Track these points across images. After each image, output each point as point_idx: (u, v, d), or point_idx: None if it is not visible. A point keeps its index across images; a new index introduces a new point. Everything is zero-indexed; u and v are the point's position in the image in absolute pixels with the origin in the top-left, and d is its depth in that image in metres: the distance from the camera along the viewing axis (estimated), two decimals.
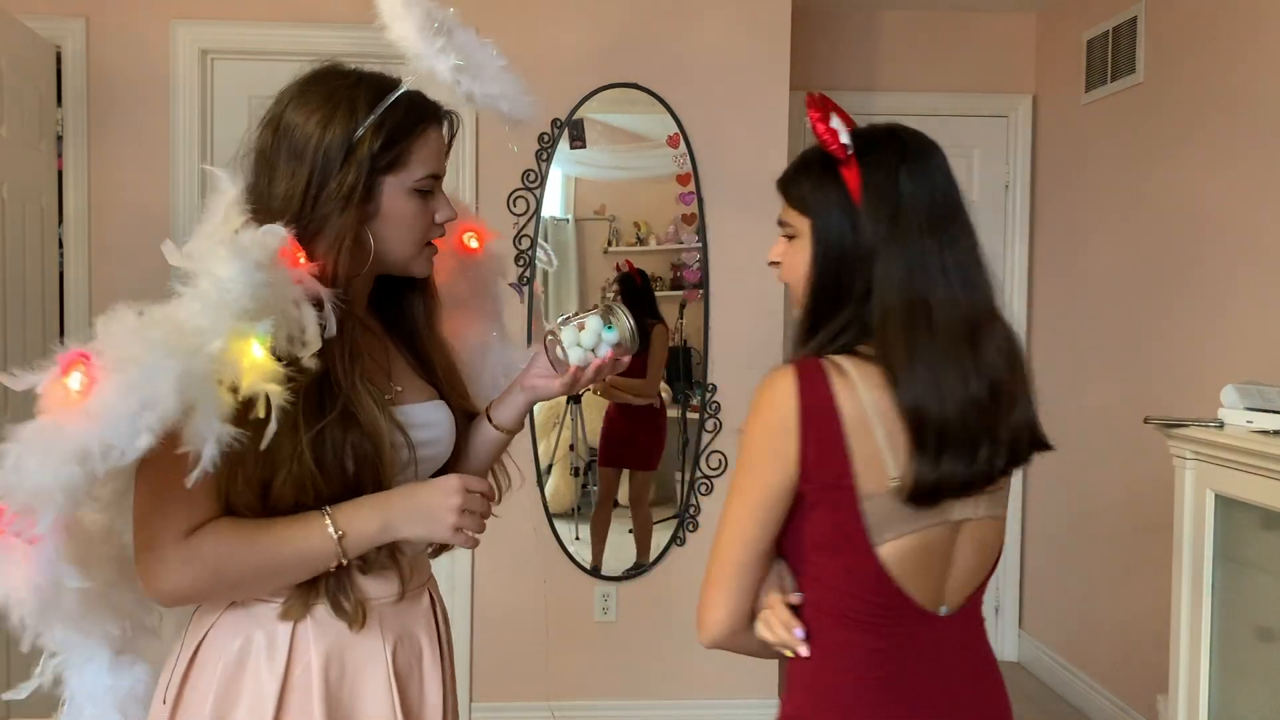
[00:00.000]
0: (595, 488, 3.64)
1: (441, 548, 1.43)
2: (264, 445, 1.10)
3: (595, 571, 3.45)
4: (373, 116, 1.22)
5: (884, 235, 1.17)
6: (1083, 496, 3.58)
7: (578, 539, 3.50)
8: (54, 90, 3.20)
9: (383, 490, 1.24)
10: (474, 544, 1.28)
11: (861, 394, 1.13)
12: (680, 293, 3.47)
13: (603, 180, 3.50)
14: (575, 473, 3.55)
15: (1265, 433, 2.15)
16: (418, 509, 1.23)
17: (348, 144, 1.21)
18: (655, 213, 3.46)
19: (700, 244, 3.39)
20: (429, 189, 1.28)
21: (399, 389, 1.33)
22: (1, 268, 2.84)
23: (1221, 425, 2.26)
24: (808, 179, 1.24)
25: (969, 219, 1.21)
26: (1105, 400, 3.43)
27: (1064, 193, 3.84)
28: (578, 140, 3.38)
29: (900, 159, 1.20)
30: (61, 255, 3.24)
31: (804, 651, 1.18)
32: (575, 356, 1.35)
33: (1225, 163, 2.91)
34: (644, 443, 3.56)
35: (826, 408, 1.13)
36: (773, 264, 1.31)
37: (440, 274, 1.48)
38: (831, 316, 1.20)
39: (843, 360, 1.16)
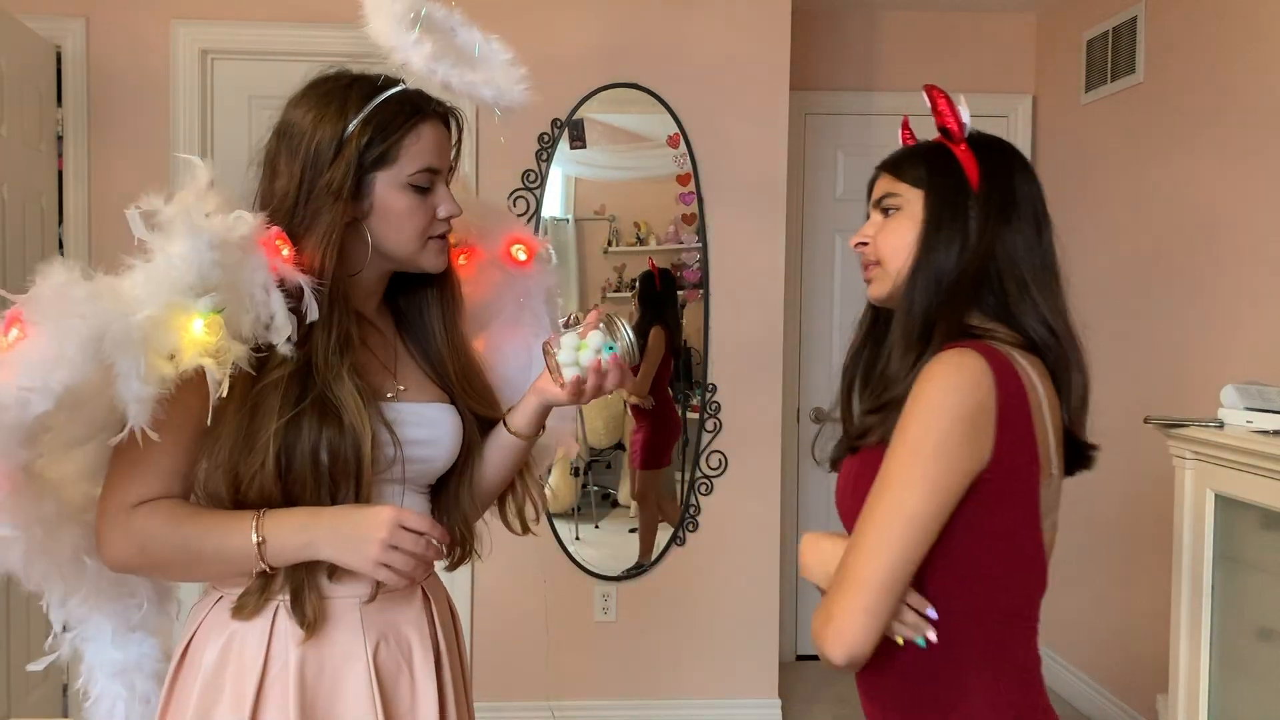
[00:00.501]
0: (595, 488, 3.64)
1: (456, 561, 1.43)
2: (209, 421, 1.14)
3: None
4: (362, 113, 1.24)
5: (1000, 220, 1.17)
6: (1082, 496, 3.58)
7: (578, 539, 3.50)
8: (54, 90, 3.20)
9: (361, 491, 1.23)
10: (400, 583, 1.23)
11: (1036, 382, 1.13)
12: (680, 293, 3.47)
13: (603, 180, 3.50)
14: (575, 473, 3.55)
15: (1265, 433, 2.15)
16: (344, 533, 1.19)
17: (338, 141, 1.24)
18: (655, 213, 3.46)
19: (700, 244, 3.39)
20: (426, 184, 1.28)
21: (401, 387, 1.33)
22: (1, 268, 2.84)
23: (1221, 425, 2.25)
24: (920, 157, 1.23)
25: None
26: (1105, 400, 3.42)
27: (1064, 193, 3.84)
28: (578, 140, 3.38)
29: (1012, 155, 1.23)
30: (62, 255, 3.24)
31: (932, 636, 1.11)
32: (569, 374, 1.30)
33: (1225, 163, 2.91)
34: (649, 440, 3.56)
35: (1019, 392, 1.10)
36: (859, 245, 1.26)
37: (485, 286, 1.49)
38: (937, 295, 1.17)
39: (1006, 348, 1.14)
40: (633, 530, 3.54)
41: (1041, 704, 1.16)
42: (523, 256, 1.51)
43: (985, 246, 1.17)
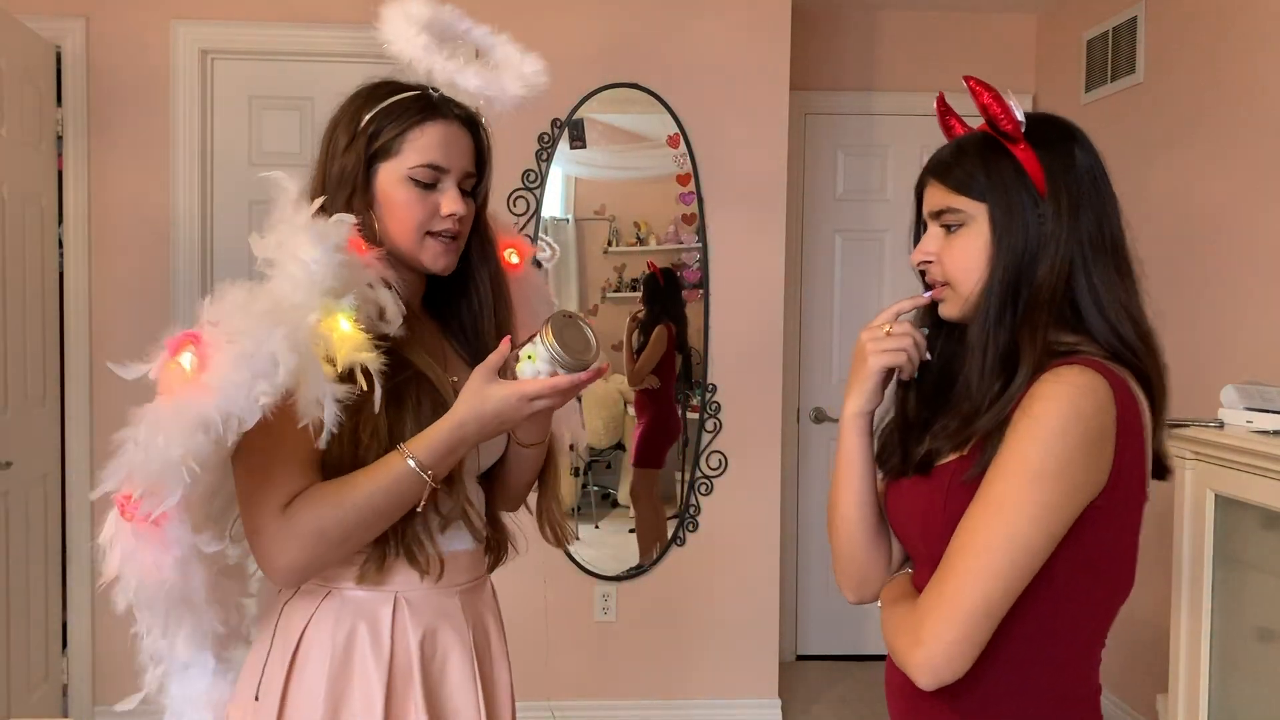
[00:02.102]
0: (595, 488, 3.64)
1: (495, 561, 1.50)
2: (377, 409, 1.18)
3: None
4: (377, 107, 1.30)
5: (1072, 222, 1.10)
6: None
7: (578, 539, 3.50)
8: (54, 90, 3.20)
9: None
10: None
11: (1142, 400, 1.08)
12: (681, 292, 3.48)
13: (603, 180, 3.50)
14: (575, 473, 3.55)
15: (1265, 433, 2.15)
16: (492, 430, 1.24)
17: (353, 133, 1.30)
18: (655, 213, 3.46)
19: (700, 244, 3.39)
20: (429, 180, 1.30)
21: (454, 379, 1.35)
22: (1, 268, 2.84)
23: (1221, 425, 2.26)
24: (973, 161, 1.13)
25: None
26: None
27: None
28: (578, 140, 3.38)
29: (1068, 135, 1.14)
30: (61, 255, 3.24)
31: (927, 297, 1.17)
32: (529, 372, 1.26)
33: (1225, 163, 2.91)
34: (645, 438, 3.56)
35: (1135, 414, 1.06)
36: (923, 264, 1.18)
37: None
38: (1015, 314, 1.10)
39: (1112, 364, 1.08)
40: (632, 530, 3.54)
41: None
42: (515, 259, 1.54)
43: (1063, 257, 1.10)
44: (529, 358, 1.22)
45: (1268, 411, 2.18)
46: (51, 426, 3.18)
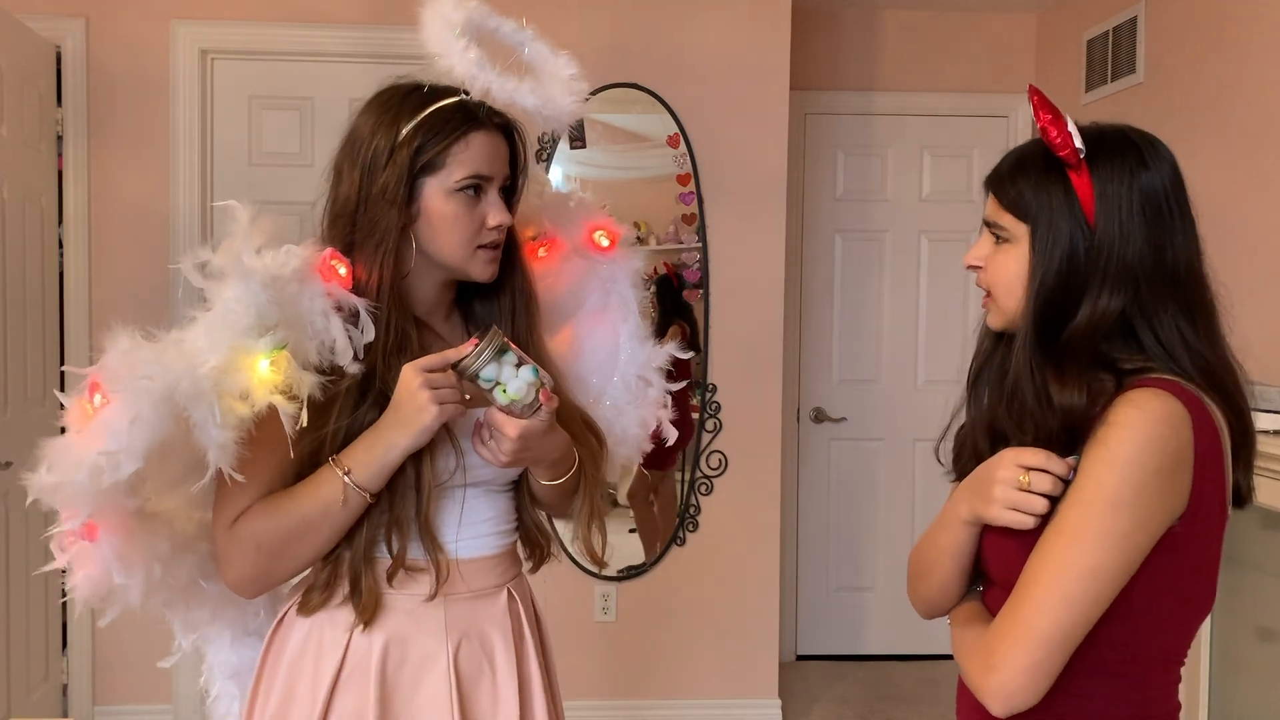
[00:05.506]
0: None
1: (539, 561, 1.46)
2: (291, 452, 1.19)
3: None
4: (415, 120, 1.27)
5: (1120, 252, 1.06)
6: None
7: (578, 539, 3.50)
8: (54, 90, 3.20)
9: (422, 497, 1.26)
10: (458, 412, 1.22)
11: (1222, 422, 1.07)
12: (680, 293, 3.48)
13: (603, 180, 3.49)
14: None
15: (1265, 433, 2.15)
16: (399, 415, 1.21)
17: (391, 146, 1.26)
18: (655, 213, 3.46)
19: (700, 244, 3.39)
20: (474, 192, 1.29)
21: (467, 396, 1.30)
22: (1, 268, 2.84)
23: None
24: (1027, 180, 1.11)
25: (1193, 218, 1.13)
26: None
27: None
28: (578, 140, 3.38)
29: (1136, 156, 1.10)
30: (61, 255, 3.24)
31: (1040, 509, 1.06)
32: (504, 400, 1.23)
33: (1225, 163, 2.91)
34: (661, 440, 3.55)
35: (1214, 438, 1.04)
36: (972, 268, 1.17)
37: (569, 275, 1.50)
38: (1052, 341, 1.07)
39: (1190, 385, 1.06)
40: (633, 530, 3.54)
41: None
42: (605, 243, 1.51)
43: (1110, 291, 1.06)
44: (501, 389, 1.20)
45: (1268, 411, 2.18)
46: (51, 426, 3.17)
